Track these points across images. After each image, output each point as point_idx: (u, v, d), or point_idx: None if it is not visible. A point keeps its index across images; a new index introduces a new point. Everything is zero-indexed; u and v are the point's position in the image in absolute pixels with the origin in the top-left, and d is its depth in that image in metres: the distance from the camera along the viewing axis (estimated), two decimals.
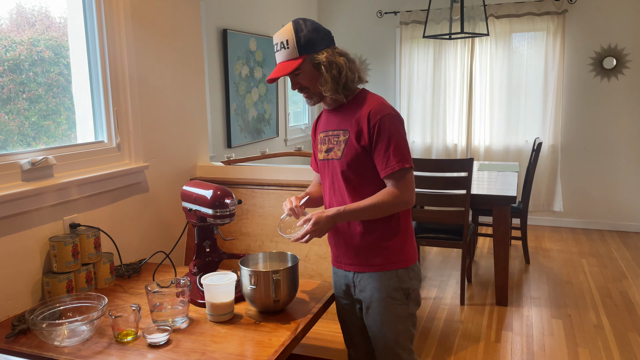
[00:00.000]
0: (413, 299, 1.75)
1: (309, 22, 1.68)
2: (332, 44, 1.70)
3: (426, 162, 3.52)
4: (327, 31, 1.71)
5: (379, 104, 1.66)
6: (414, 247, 1.77)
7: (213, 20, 4.18)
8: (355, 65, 1.71)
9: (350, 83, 1.69)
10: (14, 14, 1.88)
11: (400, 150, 1.63)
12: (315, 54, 1.66)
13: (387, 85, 6.05)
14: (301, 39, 1.65)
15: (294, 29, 1.66)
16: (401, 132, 1.65)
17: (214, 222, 1.86)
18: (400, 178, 1.63)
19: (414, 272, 1.75)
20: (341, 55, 1.68)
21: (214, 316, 1.66)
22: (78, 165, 2.04)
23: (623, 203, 5.34)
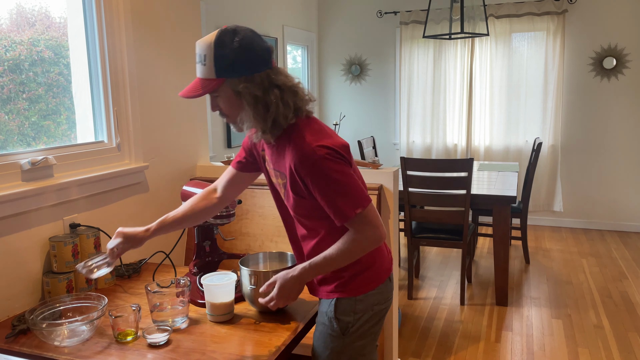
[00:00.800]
0: (352, 334, 1.51)
1: (238, 38, 1.35)
2: (264, 67, 1.37)
3: (426, 162, 3.51)
4: (261, 51, 1.37)
5: (303, 151, 1.36)
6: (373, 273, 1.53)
7: (213, 20, 4.18)
8: (296, 97, 1.41)
9: (281, 120, 1.39)
10: (14, 14, 1.88)
11: (348, 194, 1.37)
12: (238, 79, 1.36)
13: (387, 85, 6.05)
14: (221, 59, 1.34)
15: (214, 44, 1.34)
16: (341, 171, 1.37)
17: (214, 222, 1.86)
18: (360, 222, 1.39)
19: (363, 305, 1.51)
20: (273, 86, 1.37)
21: (213, 316, 1.66)
22: (78, 165, 2.04)
23: (623, 203, 5.34)
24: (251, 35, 1.37)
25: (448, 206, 3.56)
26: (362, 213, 1.38)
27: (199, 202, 1.67)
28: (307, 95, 1.46)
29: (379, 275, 1.55)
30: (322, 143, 1.37)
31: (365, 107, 6.16)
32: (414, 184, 3.56)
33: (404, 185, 3.59)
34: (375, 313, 1.54)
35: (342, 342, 1.52)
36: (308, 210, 1.46)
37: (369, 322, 1.53)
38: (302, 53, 6.03)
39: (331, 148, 1.37)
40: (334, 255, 1.43)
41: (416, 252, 4.11)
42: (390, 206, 2.31)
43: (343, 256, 1.42)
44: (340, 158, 1.38)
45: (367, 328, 1.53)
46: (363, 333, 1.53)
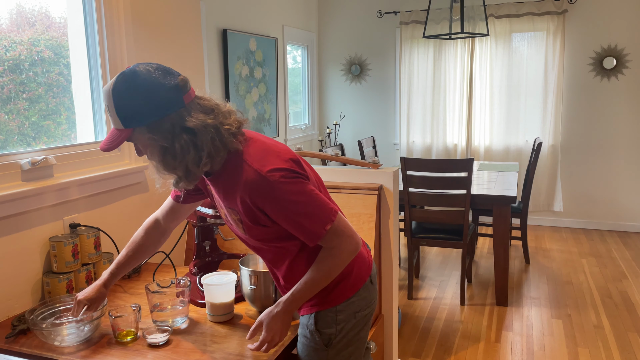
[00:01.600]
0: (335, 345, 1.45)
1: (137, 83, 1.23)
2: (174, 108, 1.24)
3: (426, 162, 3.52)
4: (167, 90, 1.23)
5: (253, 181, 1.26)
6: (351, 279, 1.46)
7: (213, 20, 4.18)
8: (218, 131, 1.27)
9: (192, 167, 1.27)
10: (14, 14, 1.88)
11: (314, 213, 1.29)
12: (146, 127, 1.24)
13: (387, 85, 6.05)
14: (122, 110, 1.24)
15: (113, 93, 1.24)
16: (301, 192, 1.28)
17: (214, 222, 1.86)
18: (333, 237, 1.33)
19: (345, 314, 1.45)
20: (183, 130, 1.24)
21: (213, 316, 1.65)
22: (78, 165, 2.04)
23: (623, 203, 5.35)
24: (152, 77, 1.24)
25: (448, 206, 3.57)
26: (332, 228, 1.32)
27: (144, 239, 1.61)
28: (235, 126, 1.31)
29: (357, 279, 1.48)
30: (272, 167, 1.27)
31: (365, 107, 6.16)
32: (414, 184, 3.56)
33: (404, 185, 3.59)
34: (359, 320, 1.49)
35: (327, 354, 1.46)
36: (275, 234, 1.38)
37: (353, 329, 1.48)
38: (302, 53, 6.03)
39: (283, 169, 1.28)
40: (316, 277, 1.36)
41: (416, 252, 4.11)
42: (390, 206, 2.31)
43: (325, 275, 1.36)
44: (296, 176, 1.29)
45: (352, 336, 1.49)
46: (348, 341, 1.48)
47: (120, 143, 1.28)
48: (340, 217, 1.35)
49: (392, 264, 2.34)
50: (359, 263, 1.51)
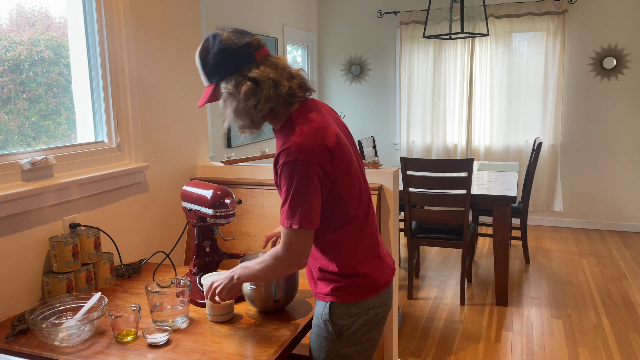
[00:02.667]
0: (347, 338, 1.52)
1: (217, 41, 1.44)
2: (243, 64, 1.43)
3: (426, 162, 3.52)
4: (239, 49, 1.43)
5: (289, 147, 1.38)
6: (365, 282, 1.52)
7: (213, 20, 4.18)
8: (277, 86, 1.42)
9: (252, 113, 1.43)
10: (14, 14, 1.88)
11: (292, 206, 1.38)
12: (224, 80, 1.44)
13: (387, 85, 6.05)
14: (206, 67, 1.46)
15: (200, 54, 1.47)
16: (301, 183, 1.37)
17: (214, 222, 1.86)
18: (285, 237, 1.41)
19: (358, 308, 1.51)
20: (250, 80, 1.41)
21: (214, 316, 1.65)
22: (78, 165, 2.04)
23: (623, 203, 5.35)
24: (228, 37, 1.44)
25: (448, 206, 3.57)
26: (291, 230, 1.39)
27: None
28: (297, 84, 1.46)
29: (375, 287, 1.54)
30: (305, 146, 1.38)
31: (365, 107, 6.16)
32: (414, 184, 3.56)
33: (404, 185, 3.59)
34: (371, 318, 1.53)
35: (337, 345, 1.52)
36: None
37: (364, 326, 1.53)
38: (302, 53, 6.03)
39: (303, 159, 1.37)
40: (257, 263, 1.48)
41: (416, 252, 4.10)
42: (390, 206, 2.31)
43: (261, 269, 1.47)
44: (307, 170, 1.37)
45: (362, 333, 1.53)
46: (358, 338, 1.52)
47: (208, 99, 1.48)
48: (303, 235, 1.40)
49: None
50: (377, 270, 1.55)
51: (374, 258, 1.56)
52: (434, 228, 3.78)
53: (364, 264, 1.53)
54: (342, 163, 1.45)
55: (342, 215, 1.48)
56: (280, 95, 1.43)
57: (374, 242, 1.57)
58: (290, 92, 1.44)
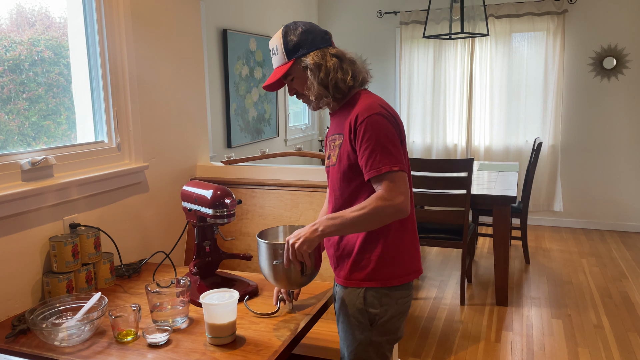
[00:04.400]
0: (380, 326, 1.56)
1: (300, 25, 1.61)
2: (324, 45, 1.61)
3: (426, 162, 3.52)
4: (320, 32, 1.62)
5: (368, 105, 1.52)
6: (402, 268, 1.57)
7: (213, 20, 4.18)
8: (354, 65, 1.61)
9: (341, 84, 1.57)
10: (14, 14, 1.88)
11: (388, 151, 1.46)
12: (304, 57, 1.58)
13: (387, 85, 6.05)
14: (289, 43, 1.59)
15: (282, 34, 1.61)
16: (390, 132, 1.49)
17: (214, 222, 1.86)
18: (389, 182, 1.45)
19: (389, 298, 1.56)
20: (334, 56, 1.58)
21: (214, 339, 1.50)
22: (78, 165, 2.04)
23: (623, 203, 5.35)
24: (310, 23, 1.64)
25: (448, 206, 3.57)
26: (393, 173, 1.46)
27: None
28: (364, 67, 1.64)
29: (407, 273, 1.59)
30: (384, 105, 1.54)
31: None
32: (413, 184, 3.56)
33: None
34: (400, 307, 1.59)
35: (371, 334, 1.57)
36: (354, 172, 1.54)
37: (395, 316, 1.59)
38: None
39: (390, 113, 1.53)
40: (351, 212, 1.46)
41: None
42: None
43: (360, 215, 1.44)
44: (393, 123, 1.51)
45: (393, 322, 1.59)
46: (390, 327, 1.59)
47: (280, 75, 1.59)
48: (402, 175, 1.47)
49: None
50: (410, 254, 1.60)
51: (412, 245, 1.62)
52: (434, 228, 3.78)
53: (405, 251, 1.59)
54: (403, 137, 1.57)
55: None
56: (361, 71, 1.61)
57: (415, 229, 1.64)
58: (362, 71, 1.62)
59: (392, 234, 1.56)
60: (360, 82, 1.62)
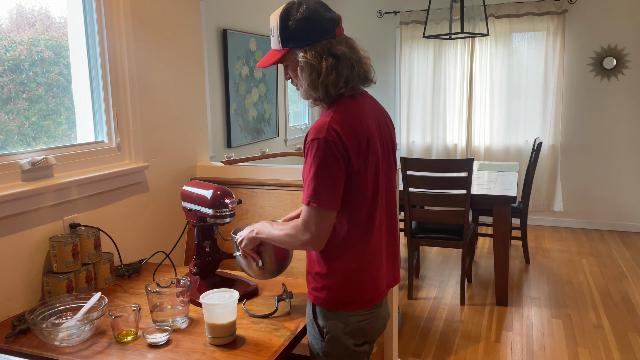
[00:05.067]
0: (329, 341, 1.49)
1: (302, 9, 1.42)
2: (325, 37, 1.42)
3: (426, 162, 3.52)
4: (323, 21, 1.42)
5: (320, 125, 1.38)
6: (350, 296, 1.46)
7: (213, 20, 4.18)
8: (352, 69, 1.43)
9: (331, 89, 1.42)
10: (14, 14, 1.88)
11: (314, 183, 1.36)
12: (301, 48, 1.42)
13: (387, 85, 6.05)
14: (286, 30, 1.43)
15: (281, 16, 1.44)
16: (324, 162, 1.35)
17: (214, 222, 1.86)
18: (306, 215, 1.39)
19: (337, 318, 1.47)
20: (332, 55, 1.41)
21: (214, 339, 1.50)
22: (78, 165, 2.04)
23: (623, 203, 5.34)
24: (314, 7, 1.43)
25: (448, 206, 3.56)
26: (312, 208, 1.38)
27: None
28: (364, 71, 1.47)
29: (360, 300, 1.48)
30: (338, 126, 1.38)
31: None
32: (414, 184, 3.56)
33: (404, 185, 3.59)
34: (353, 326, 1.48)
35: (323, 346, 1.51)
36: None
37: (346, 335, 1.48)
38: None
39: (339, 136, 1.36)
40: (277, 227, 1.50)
41: (416, 252, 4.10)
42: None
43: (282, 235, 1.47)
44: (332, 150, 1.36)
45: (344, 340, 1.48)
46: (342, 345, 1.48)
47: (275, 61, 1.46)
48: (327, 214, 1.38)
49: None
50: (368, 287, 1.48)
51: (368, 274, 1.48)
52: (434, 228, 3.78)
53: (357, 279, 1.47)
54: (366, 160, 1.42)
55: (350, 215, 1.44)
56: (358, 76, 1.45)
57: (378, 253, 1.50)
58: (362, 77, 1.47)
59: (345, 258, 1.45)
60: (350, 89, 1.45)
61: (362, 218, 1.45)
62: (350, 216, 1.44)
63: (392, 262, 1.59)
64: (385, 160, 1.51)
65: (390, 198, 1.56)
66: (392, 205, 1.57)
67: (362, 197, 1.43)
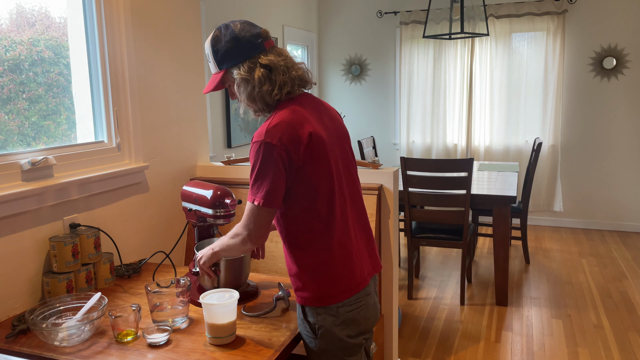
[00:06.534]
0: (322, 336, 1.51)
1: (229, 30, 1.52)
2: (254, 52, 1.51)
3: (426, 162, 3.52)
4: (250, 38, 1.51)
5: (262, 128, 1.46)
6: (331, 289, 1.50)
7: (213, 20, 4.18)
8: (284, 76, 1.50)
9: (267, 98, 1.50)
10: (14, 14, 1.88)
11: (255, 183, 1.44)
12: (234, 67, 1.52)
13: (387, 85, 6.05)
14: (217, 53, 1.54)
15: (211, 42, 1.55)
16: (263, 163, 1.42)
17: (214, 222, 1.86)
18: (246, 212, 1.48)
19: (326, 311, 1.50)
20: (263, 67, 1.49)
21: (214, 339, 1.51)
22: (78, 165, 2.04)
23: (623, 203, 5.34)
24: (240, 27, 1.53)
25: (448, 206, 3.56)
26: (253, 205, 1.46)
27: None
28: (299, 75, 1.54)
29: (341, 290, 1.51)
30: (275, 129, 1.44)
31: (365, 107, 6.16)
32: (414, 184, 3.56)
33: (404, 185, 3.59)
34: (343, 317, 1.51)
35: (317, 343, 1.53)
36: None
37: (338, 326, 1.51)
38: (302, 53, 6.03)
39: (279, 138, 1.42)
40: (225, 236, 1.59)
41: (416, 252, 4.10)
42: (390, 206, 2.31)
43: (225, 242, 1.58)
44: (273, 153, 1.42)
45: (337, 332, 1.51)
46: (335, 337, 1.51)
47: (217, 85, 1.57)
48: (266, 212, 1.46)
49: (392, 264, 2.34)
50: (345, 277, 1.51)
51: (342, 264, 1.51)
52: (434, 228, 3.78)
53: (332, 272, 1.50)
54: (312, 154, 1.46)
55: (307, 211, 1.49)
56: (292, 80, 1.52)
57: (346, 244, 1.53)
58: (298, 80, 1.53)
59: (312, 253, 1.50)
60: (285, 94, 1.51)
61: (321, 211, 1.49)
62: (309, 211, 1.49)
63: (367, 251, 1.62)
64: (340, 152, 1.57)
65: (353, 187, 1.60)
66: (356, 194, 1.62)
67: (316, 191, 1.47)
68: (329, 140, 1.52)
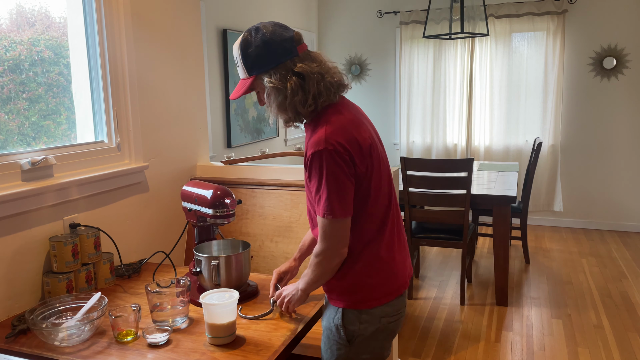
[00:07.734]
0: (358, 345, 1.50)
1: (259, 35, 1.44)
2: (287, 57, 1.43)
3: (426, 162, 3.52)
4: (282, 42, 1.43)
5: (317, 139, 1.39)
6: (378, 290, 1.49)
7: (213, 20, 4.18)
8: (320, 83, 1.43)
9: (300, 108, 1.43)
10: (14, 14, 1.88)
11: (325, 195, 1.38)
12: (266, 73, 1.44)
13: (387, 85, 6.06)
14: (248, 58, 1.45)
15: (241, 46, 1.46)
16: (330, 173, 1.37)
17: (214, 222, 1.86)
18: (321, 228, 1.42)
19: (370, 316, 1.49)
20: (296, 74, 1.41)
21: (214, 339, 1.51)
22: (78, 165, 2.04)
23: (623, 203, 5.35)
24: (272, 30, 1.45)
25: (448, 206, 3.56)
26: (329, 220, 1.40)
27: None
28: (336, 81, 1.47)
29: (387, 292, 1.51)
30: (335, 135, 1.39)
31: (365, 107, 6.16)
32: (414, 184, 3.56)
33: (404, 185, 3.59)
34: (383, 326, 1.51)
35: (349, 350, 1.51)
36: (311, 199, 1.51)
37: (375, 334, 1.50)
38: None
39: (340, 144, 1.38)
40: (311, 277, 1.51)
41: (416, 252, 4.11)
42: None
43: (311, 272, 1.49)
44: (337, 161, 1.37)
45: (373, 340, 1.50)
46: (369, 345, 1.51)
47: (246, 90, 1.48)
48: (340, 224, 1.41)
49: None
50: (387, 274, 1.51)
51: (389, 265, 1.51)
52: (434, 228, 3.78)
53: (380, 273, 1.50)
54: (372, 161, 1.44)
55: (361, 215, 1.46)
56: (327, 89, 1.44)
57: (392, 247, 1.53)
58: (334, 86, 1.46)
59: (364, 260, 1.48)
60: (321, 103, 1.45)
61: (374, 214, 1.48)
62: (364, 214, 1.46)
63: (405, 254, 1.62)
64: (383, 155, 1.55)
65: (393, 191, 1.59)
66: (395, 197, 1.60)
67: (375, 195, 1.46)
68: (378, 143, 1.52)
